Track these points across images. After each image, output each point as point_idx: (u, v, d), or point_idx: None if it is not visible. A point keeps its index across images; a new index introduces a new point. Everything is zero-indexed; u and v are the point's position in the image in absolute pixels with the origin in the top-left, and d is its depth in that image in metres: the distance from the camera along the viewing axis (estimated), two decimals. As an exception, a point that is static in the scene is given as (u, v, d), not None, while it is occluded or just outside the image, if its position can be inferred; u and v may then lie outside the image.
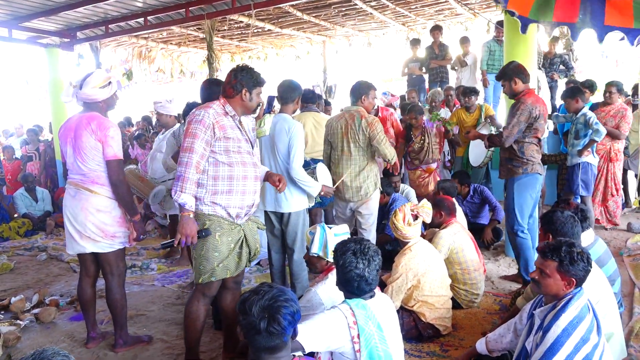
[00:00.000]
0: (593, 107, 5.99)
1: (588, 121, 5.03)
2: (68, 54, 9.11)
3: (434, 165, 5.96)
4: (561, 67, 7.80)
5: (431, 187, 5.72)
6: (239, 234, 2.91)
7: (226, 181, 2.83)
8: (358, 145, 4.01)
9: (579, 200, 5.49)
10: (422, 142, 5.81)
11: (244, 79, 2.84)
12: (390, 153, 4.08)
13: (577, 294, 2.26)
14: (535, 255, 3.31)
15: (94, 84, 3.17)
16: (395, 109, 7.21)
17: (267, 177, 3.24)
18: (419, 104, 7.45)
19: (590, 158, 5.18)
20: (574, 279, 2.25)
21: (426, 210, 3.54)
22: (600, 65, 15.62)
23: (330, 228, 2.92)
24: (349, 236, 2.85)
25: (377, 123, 4.02)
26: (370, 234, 4.24)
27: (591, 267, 2.29)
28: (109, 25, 8.23)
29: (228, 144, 2.81)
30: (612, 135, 5.56)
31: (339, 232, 2.89)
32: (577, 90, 5.25)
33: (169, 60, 11.78)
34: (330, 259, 2.77)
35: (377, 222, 5.26)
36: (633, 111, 6.58)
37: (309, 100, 5.04)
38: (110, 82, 3.26)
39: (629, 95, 7.14)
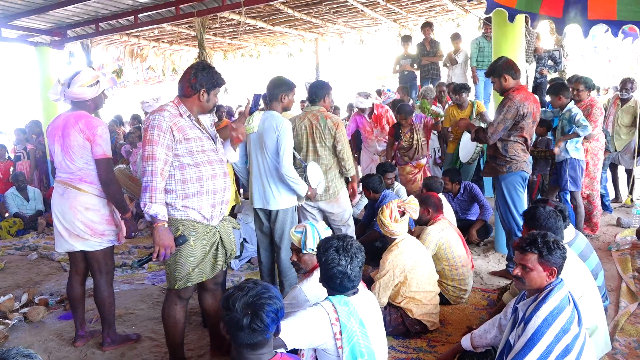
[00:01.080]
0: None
1: (573, 117, 5.04)
2: (59, 52, 9.06)
3: (423, 161, 6.00)
4: (549, 62, 7.81)
5: (421, 183, 5.75)
6: (214, 237, 2.87)
7: (195, 183, 2.76)
8: (324, 145, 3.98)
9: (568, 197, 5.52)
10: (410, 139, 5.84)
11: (203, 79, 2.76)
12: (350, 160, 4.07)
13: (558, 285, 2.29)
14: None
15: (82, 83, 3.16)
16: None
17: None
18: (411, 100, 7.47)
19: (577, 154, 5.18)
20: (554, 268, 2.29)
21: (413, 207, 3.55)
22: (593, 62, 15.70)
23: (317, 223, 2.93)
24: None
25: (342, 125, 4.02)
26: (350, 229, 4.25)
27: (566, 253, 2.32)
28: (100, 24, 8.19)
29: (190, 144, 2.74)
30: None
31: (326, 228, 2.90)
32: (560, 87, 5.22)
33: (161, 59, 11.76)
34: None
35: (368, 218, 5.32)
36: (622, 105, 6.60)
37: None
38: (98, 81, 3.25)
39: (617, 90, 7.14)
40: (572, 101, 5.21)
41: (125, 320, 3.95)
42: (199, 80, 2.76)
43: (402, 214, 3.52)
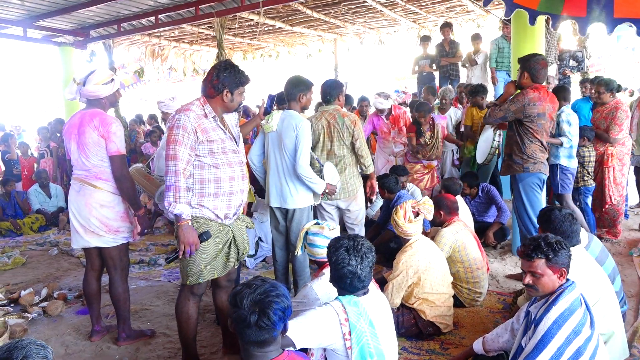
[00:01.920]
0: (593, 107, 5.88)
1: (559, 123, 4.99)
2: (81, 52, 9.25)
3: (434, 163, 5.97)
4: (572, 62, 7.67)
5: (426, 184, 5.78)
6: (227, 236, 2.89)
7: (213, 184, 2.78)
8: (343, 143, 4.00)
9: (589, 200, 5.42)
10: (431, 137, 5.82)
11: (226, 79, 2.76)
12: (369, 157, 4.11)
13: (569, 287, 2.26)
14: None
15: (97, 81, 3.21)
16: (407, 106, 7.19)
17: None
18: (436, 99, 7.40)
19: (567, 162, 5.09)
20: (563, 269, 2.27)
21: (427, 208, 3.52)
22: (620, 63, 15.35)
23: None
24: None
25: (359, 122, 4.05)
26: (362, 229, 4.26)
27: (570, 251, 2.29)
28: (122, 24, 8.35)
29: (212, 146, 2.76)
30: (602, 139, 5.37)
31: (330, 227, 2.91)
32: (558, 90, 5.21)
33: (182, 59, 11.89)
34: None
35: (383, 219, 5.30)
36: None
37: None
38: (112, 79, 3.30)
39: (632, 93, 6.98)
40: (567, 106, 5.22)
41: (141, 316, 4.00)
42: (221, 81, 2.77)
43: (417, 214, 3.50)
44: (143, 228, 3.45)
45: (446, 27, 8.44)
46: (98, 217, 3.25)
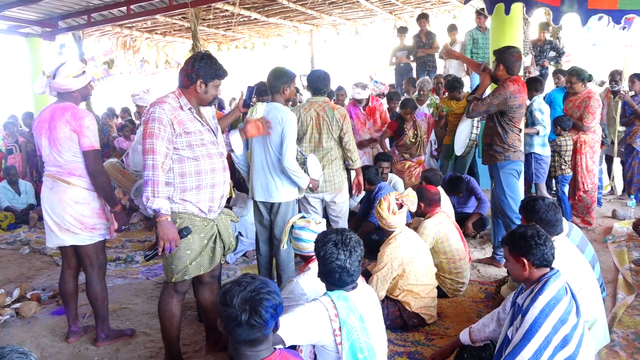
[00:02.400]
0: (565, 96, 5.99)
1: (532, 112, 5.15)
2: (50, 43, 8.94)
3: (423, 157, 5.97)
4: (552, 53, 7.77)
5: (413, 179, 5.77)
6: (212, 230, 2.83)
7: (194, 177, 2.72)
8: (331, 137, 3.95)
9: (565, 188, 5.52)
10: (415, 136, 5.80)
11: (200, 69, 2.67)
12: (356, 152, 4.09)
13: (553, 276, 2.28)
14: None
15: (67, 73, 3.09)
16: (384, 97, 7.14)
17: None
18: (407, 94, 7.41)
19: (541, 149, 5.25)
20: (523, 259, 2.30)
21: (411, 199, 3.51)
22: (590, 54, 15.66)
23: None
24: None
25: (348, 116, 4.03)
26: (345, 222, 4.24)
27: (538, 240, 2.29)
28: (92, 14, 8.09)
29: (190, 138, 2.68)
30: (576, 127, 5.48)
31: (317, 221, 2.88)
32: (530, 81, 5.37)
33: (154, 51, 11.63)
34: None
35: (364, 211, 5.28)
36: (614, 97, 6.58)
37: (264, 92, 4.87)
38: (84, 72, 3.17)
39: (606, 83, 7.12)
40: (539, 96, 5.39)
41: (119, 315, 3.90)
42: (196, 70, 2.68)
43: (400, 206, 3.49)
44: (120, 225, 3.34)
45: (422, 18, 8.46)
46: (73, 215, 3.13)
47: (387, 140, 6.06)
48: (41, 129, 3.12)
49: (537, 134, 5.18)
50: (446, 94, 6.48)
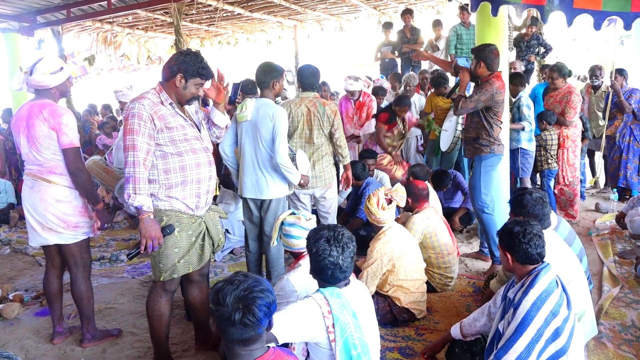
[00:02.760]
0: (545, 92, 6.06)
1: (519, 107, 5.21)
2: (28, 39, 8.73)
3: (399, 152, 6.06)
4: (540, 49, 7.84)
5: (398, 173, 5.79)
6: (200, 227, 2.79)
7: (179, 172, 2.67)
8: (322, 132, 3.94)
9: (551, 182, 5.59)
10: (404, 131, 5.82)
11: (183, 64, 2.61)
12: (347, 148, 4.10)
13: (544, 269, 2.30)
14: None
15: (45, 70, 3.00)
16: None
17: None
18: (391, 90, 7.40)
19: (528, 145, 5.30)
20: (507, 252, 2.38)
21: (400, 194, 3.51)
22: (571, 50, 15.91)
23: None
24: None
25: (338, 112, 4.03)
26: (334, 218, 4.23)
27: (522, 239, 2.33)
28: (71, 9, 7.92)
29: (172, 133, 2.63)
30: (558, 122, 5.56)
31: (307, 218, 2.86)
32: (514, 76, 5.38)
33: (136, 46, 11.43)
34: None
35: (351, 207, 5.28)
36: (595, 92, 6.67)
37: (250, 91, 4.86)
38: (62, 68, 3.08)
39: (586, 78, 7.19)
40: (524, 91, 5.44)
41: (105, 315, 3.83)
42: (178, 64, 2.62)
43: (389, 201, 3.48)
44: (102, 223, 3.28)
45: (407, 13, 8.45)
46: (55, 213, 3.07)
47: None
48: (19, 127, 3.04)
49: (523, 129, 5.22)
50: (432, 90, 6.49)
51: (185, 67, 2.62)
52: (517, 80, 5.42)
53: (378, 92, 6.79)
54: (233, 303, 1.63)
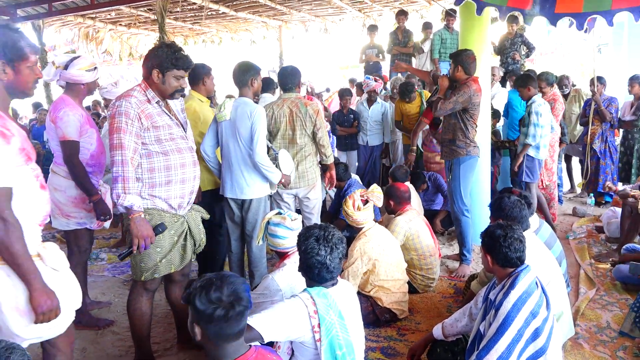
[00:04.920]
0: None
1: (531, 112, 5.08)
2: (7, 33, 8.55)
3: None
4: (523, 49, 7.95)
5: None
6: (182, 226, 2.77)
7: (163, 172, 2.65)
8: (304, 133, 3.94)
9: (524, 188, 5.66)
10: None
11: (156, 59, 2.57)
12: (329, 147, 4.13)
13: (523, 270, 2.35)
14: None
15: (82, 66, 3.28)
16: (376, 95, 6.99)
17: None
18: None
19: (536, 153, 5.14)
20: (487, 254, 2.45)
21: (376, 194, 3.58)
22: (549, 57, 16.21)
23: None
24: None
25: (321, 112, 4.07)
26: (318, 219, 4.24)
27: (503, 242, 2.39)
28: (53, 3, 7.79)
29: (158, 132, 2.61)
30: None
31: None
32: (527, 79, 5.21)
33: (118, 42, 11.30)
34: None
35: (334, 208, 5.30)
36: (566, 100, 6.84)
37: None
38: (96, 68, 3.38)
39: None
40: (540, 94, 5.23)
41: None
42: (151, 60, 2.59)
43: (366, 202, 3.54)
44: (98, 215, 3.37)
45: (402, 15, 8.41)
46: (53, 200, 3.19)
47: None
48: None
49: (526, 135, 5.04)
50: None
51: (159, 62, 2.57)
52: (529, 82, 5.13)
53: (344, 93, 6.86)
54: (227, 297, 1.63)
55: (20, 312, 1.87)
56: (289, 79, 4.01)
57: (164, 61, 2.57)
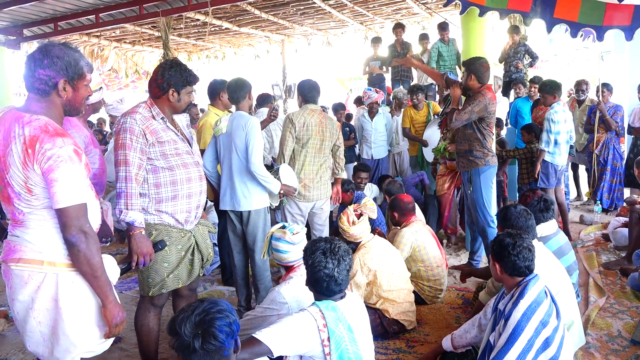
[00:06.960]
0: (534, 105, 6.16)
1: (545, 118, 5.13)
2: (14, 52, 8.69)
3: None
4: (527, 57, 7.97)
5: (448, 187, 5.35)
6: (189, 242, 2.78)
7: (169, 187, 2.66)
8: (329, 145, 4.11)
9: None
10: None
11: (171, 78, 2.62)
12: (343, 162, 4.29)
13: (532, 280, 2.35)
14: None
15: None
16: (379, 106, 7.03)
17: None
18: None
19: (550, 157, 5.22)
20: (495, 262, 2.46)
21: (370, 207, 3.63)
22: (552, 65, 16.26)
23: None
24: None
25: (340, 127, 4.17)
26: (327, 231, 4.29)
27: (512, 251, 2.40)
28: (59, 23, 7.90)
29: (164, 148, 2.63)
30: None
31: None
32: (555, 87, 5.26)
33: (123, 60, 11.42)
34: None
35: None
36: (579, 107, 6.82)
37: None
38: (101, 88, 3.33)
39: (573, 93, 7.33)
40: (560, 102, 5.28)
41: (93, 331, 3.78)
42: (166, 80, 2.63)
43: (359, 216, 3.55)
44: (100, 236, 3.28)
45: (399, 27, 8.50)
46: None
47: None
48: None
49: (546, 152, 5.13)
50: (410, 103, 6.52)
51: (175, 81, 2.64)
52: (556, 90, 5.16)
53: (338, 108, 6.96)
54: (191, 330, 1.57)
55: (98, 326, 1.96)
56: (310, 91, 4.12)
57: (179, 80, 2.65)
